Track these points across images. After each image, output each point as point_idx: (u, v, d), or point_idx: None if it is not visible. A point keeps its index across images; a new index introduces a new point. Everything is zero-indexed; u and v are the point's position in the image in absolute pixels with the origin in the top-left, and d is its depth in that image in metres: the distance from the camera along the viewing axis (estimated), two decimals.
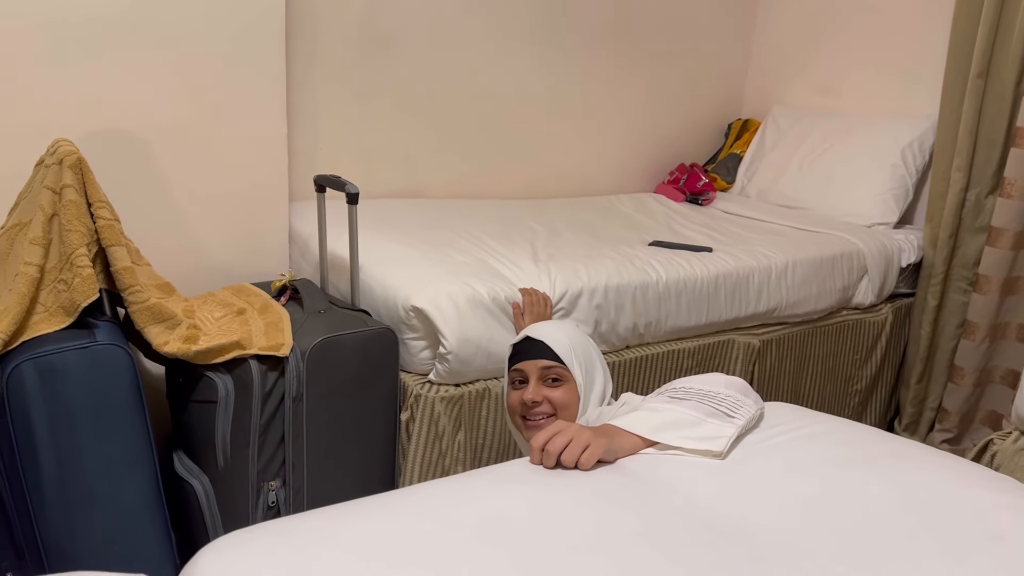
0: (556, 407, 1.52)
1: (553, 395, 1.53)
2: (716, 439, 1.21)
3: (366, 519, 1.00)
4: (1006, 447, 1.81)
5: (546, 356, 1.54)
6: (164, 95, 1.97)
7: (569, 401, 1.53)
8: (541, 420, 1.52)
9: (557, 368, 1.53)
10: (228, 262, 2.14)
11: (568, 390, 1.53)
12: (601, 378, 1.59)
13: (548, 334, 1.57)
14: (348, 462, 1.80)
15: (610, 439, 1.20)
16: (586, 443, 1.16)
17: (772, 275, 2.35)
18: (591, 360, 1.59)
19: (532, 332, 1.58)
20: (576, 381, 1.54)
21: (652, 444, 1.22)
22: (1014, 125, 2.50)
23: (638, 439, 1.22)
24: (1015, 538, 1.04)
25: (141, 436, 1.59)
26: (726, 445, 1.20)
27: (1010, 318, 2.63)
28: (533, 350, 1.56)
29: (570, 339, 1.57)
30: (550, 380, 1.53)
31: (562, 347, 1.54)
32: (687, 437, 1.21)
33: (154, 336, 1.63)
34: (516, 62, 2.89)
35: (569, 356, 1.54)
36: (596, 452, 1.16)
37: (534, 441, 1.19)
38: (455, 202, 2.74)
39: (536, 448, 1.18)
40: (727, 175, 3.33)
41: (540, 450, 1.18)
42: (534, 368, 1.54)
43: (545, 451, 1.17)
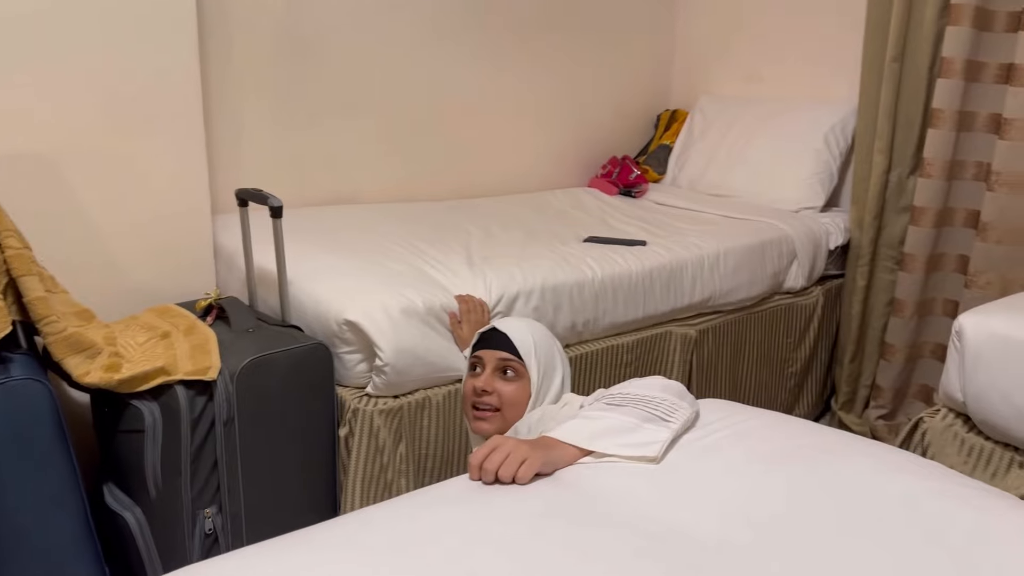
0: (503, 402, 1.52)
1: (504, 389, 1.53)
2: (651, 444, 1.21)
3: (301, 554, 0.98)
4: (935, 424, 1.85)
5: (506, 348, 1.54)
6: (68, 112, 1.89)
7: (518, 399, 1.53)
8: (486, 412, 1.53)
9: (514, 363, 1.53)
10: (150, 283, 2.07)
11: (520, 387, 1.53)
12: (559, 381, 1.59)
13: (514, 329, 1.57)
14: (287, 483, 1.76)
15: (547, 451, 1.19)
16: (522, 458, 1.16)
17: (705, 265, 2.37)
18: (552, 363, 1.58)
19: (500, 324, 1.59)
20: (531, 380, 1.53)
21: (589, 453, 1.22)
22: (930, 106, 2.57)
23: (575, 449, 1.22)
24: (941, 524, 1.06)
25: (66, 471, 1.53)
26: (660, 450, 1.20)
27: (936, 294, 2.71)
28: (495, 340, 1.56)
29: (534, 337, 1.57)
30: (505, 372, 1.54)
31: (524, 343, 1.54)
32: (623, 444, 1.21)
33: (73, 367, 1.57)
34: (442, 61, 2.86)
35: (529, 353, 1.54)
36: (533, 466, 1.16)
37: (472, 459, 1.18)
38: (387, 206, 2.71)
39: (474, 466, 1.17)
40: (658, 166, 3.35)
41: (478, 467, 1.17)
42: (492, 357, 1.55)
43: (483, 468, 1.16)
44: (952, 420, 1.84)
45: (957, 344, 1.78)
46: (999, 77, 2.47)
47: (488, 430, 1.52)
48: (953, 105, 2.49)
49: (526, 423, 1.50)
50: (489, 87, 3.01)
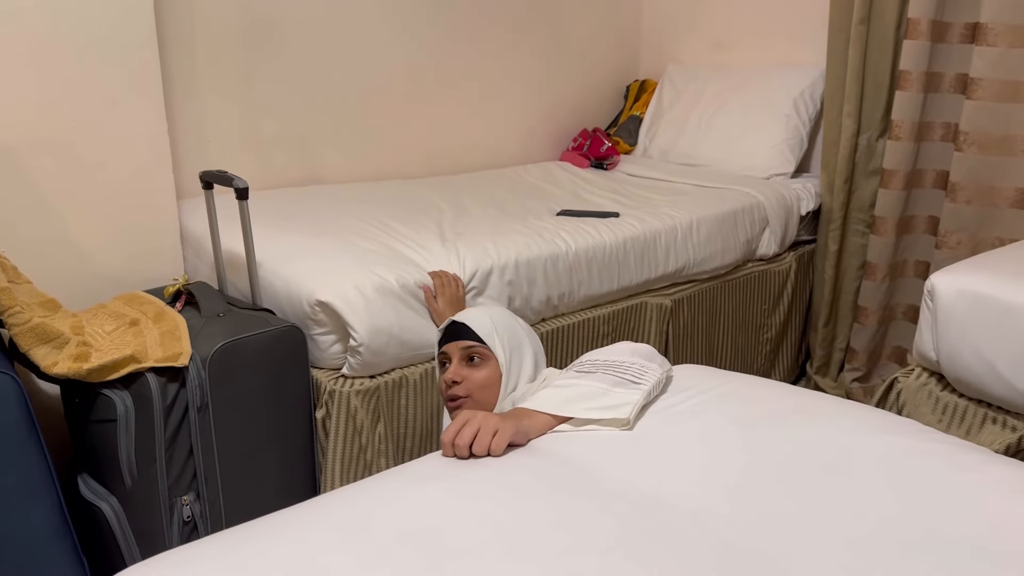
0: (473, 387, 1.53)
1: (472, 375, 1.53)
2: (622, 407, 1.22)
3: (270, 540, 0.96)
4: (910, 384, 1.87)
5: (467, 336, 1.55)
6: (26, 100, 1.84)
7: (489, 381, 1.53)
8: (460, 400, 1.53)
9: (477, 348, 1.54)
10: (117, 270, 2.03)
11: (489, 370, 1.54)
12: (531, 358, 1.60)
13: (471, 316, 1.59)
14: (265, 467, 1.74)
15: (518, 421, 1.19)
16: (493, 429, 1.15)
17: (678, 235, 2.37)
18: (517, 340, 1.59)
19: (458, 316, 1.60)
20: (499, 360, 1.54)
21: (563, 421, 1.22)
22: (897, 68, 2.57)
23: (549, 418, 1.23)
24: (917, 480, 1.07)
25: (39, 464, 1.50)
26: (632, 411, 1.21)
27: (907, 256, 2.73)
28: (456, 332, 1.58)
29: (493, 320, 1.58)
30: (471, 360, 1.54)
31: (484, 328, 1.56)
32: (593, 408, 1.22)
33: (41, 358, 1.53)
34: (407, 38, 2.82)
35: (491, 336, 1.55)
36: (505, 436, 1.16)
37: (444, 436, 1.18)
38: (356, 186, 2.68)
39: (447, 443, 1.17)
40: (629, 137, 3.34)
41: (450, 444, 1.16)
42: (455, 348, 1.56)
43: (455, 444, 1.15)
44: (926, 379, 1.86)
45: (929, 304, 1.79)
46: (965, 37, 2.48)
47: None
48: (920, 66, 2.50)
49: (510, 402, 1.50)
50: (455, 63, 2.97)
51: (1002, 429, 1.73)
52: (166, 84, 2.23)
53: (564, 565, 0.90)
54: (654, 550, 0.93)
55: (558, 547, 0.93)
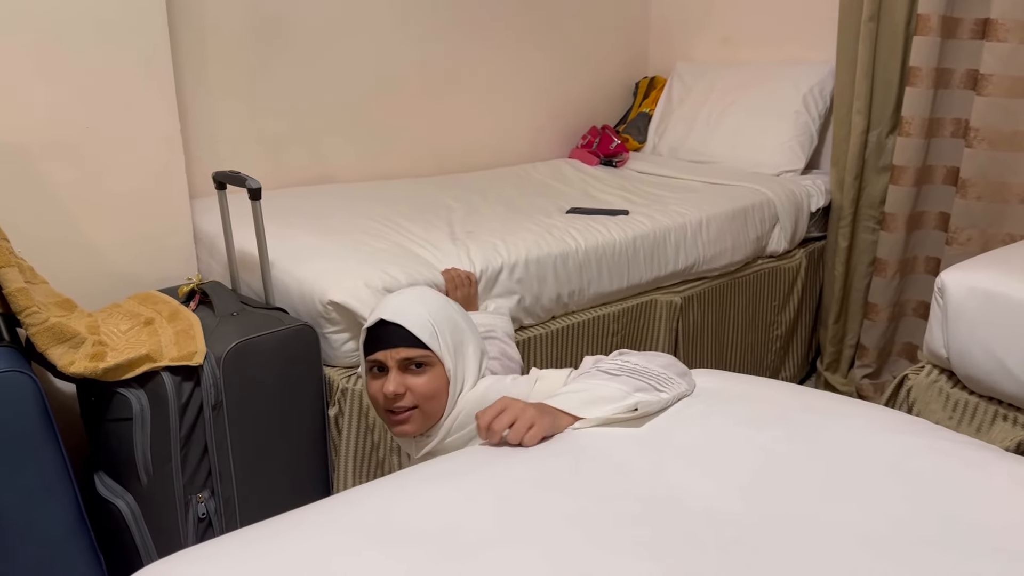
0: (420, 398, 1.34)
1: (416, 384, 1.33)
2: (636, 403, 1.22)
3: (288, 537, 0.98)
4: (920, 381, 1.87)
5: (405, 343, 1.33)
6: (38, 99, 1.86)
7: (436, 389, 1.35)
8: (405, 415, 1.35)
9: (419, 354, 1.33)
10: (131, 270, 2.05)
11: (434, 376, 1.34)
12: (473, 352, 1.41)
13: (405, 314, 1.34)
14: (278, 465, 1.76)
15: (554, 418, 1.20)
16: (531, 422, 1.16)
17: (688, 232, 2.38)
18: (459, 334, 1.39)
19: (385, 313, 1.34)
20: (444, 364, 1.35)
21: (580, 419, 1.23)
22: (907, 65, 2.57)
23: (570, 417, 1.23)
24: (928, 479, 1.07)
25: (56, 462, 1.52)
26: (641, 404, 1.22)
27: (917, 252, 2.73)
28: (391, 336, 1.33)
29: (432, 315, 1.35)
30: (412, 367, 1.34)
31: (424, 329, 1.33)
32: (611, 409, 1.22)
33: (58, 357, 1.55)
34: (418, 36, 2.83)
35: (433, 338, 1.34)
36: (540, 431, 1.17)
37: (480, 419, 1.18)
38: (367, 185, 2.69)
39: (482, 426, 1.18)
40: (638, 135, 3.34)
41: (486, 428, 1.17)
42: (392, 358, 1.33)
43: (490, 429, 1.17)
44: (936, 376, 1.86)
45: (940, 300, 1.79)
46: (975, 32, 2.47)
47: (412, 431, 1.36)
48: (930, 62, 2.49)
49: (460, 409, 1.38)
50: (465, 61, 2.98)
51: (1013, 426, 1.73)
52: (178, 85, 2.24)
53: (577, 562, 0.91)
54: (667, 548, 0.94)
55: (571, 545, 0.94)
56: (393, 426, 1.37)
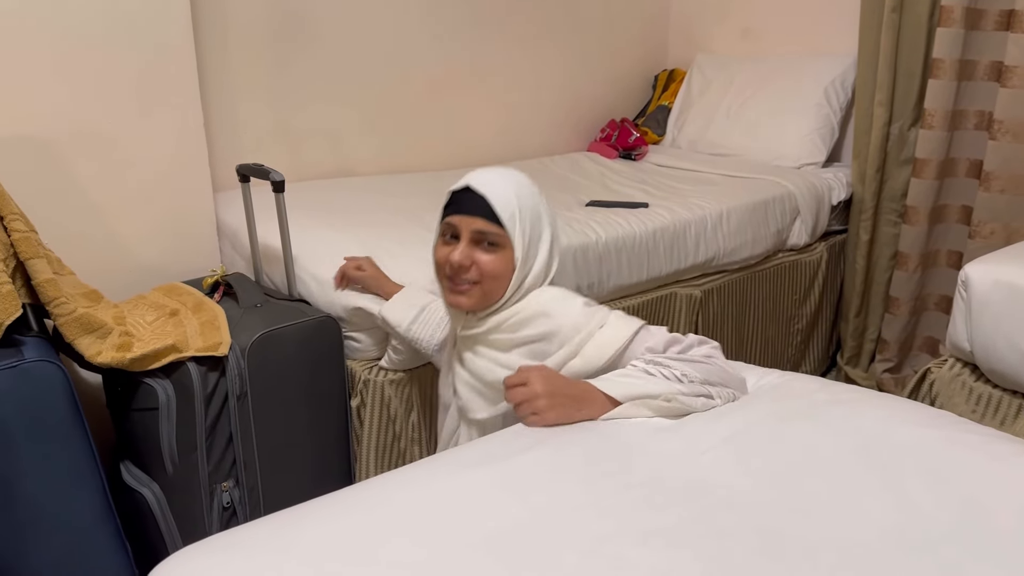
0: (484, 276, 1.32)
1: (484, 260, 1.32)
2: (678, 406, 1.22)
3: (320, 521, 0.99)
4: (943, 375, 1.86)
5: (485, 215, 1.31)
6: (66, 93, 1.88)
7: (501, 271, 1.32)
8: (465, 287, 1.34)
9: (494, 234, 1.31)
10: (156, 262, 2.08)
11: (503, 259, 1.32)
12: (545, 251, 1.37)
13: (493, 188, 1.31)
14: (302, 455, 1.78)
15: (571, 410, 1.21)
16: (536, 410, 1.20)
17: (708, 225, 2.37)
18: (538, 228, 1.36)
19: (475, 181, 1.32)
20: (515, 251, 1.32)
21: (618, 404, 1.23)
22: (930, 57, 2.55)
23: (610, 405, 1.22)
24: (953, 471, 1.07)
25: (84, 451, 1.54)
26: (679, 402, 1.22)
27: (939, 245, 2.71)
28: (472, 205, 1.31)
29: (518, 199, 1.33)
30: (485, 243, 1.32)
31: (506, 208, 1.31)
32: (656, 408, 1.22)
33: (85, 347, 1.57)
34: (437, 30, 2.83)
35: (512, 221, 1.31)
36: (543, 422, 1.20)
37: (508, 379, 1.23)
38: (387, 178, 2.70)
39: (507, 385, 1.24)
40: (657, 128, 3.34)
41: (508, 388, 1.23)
42: (467, 227, 1.32)
43: (507, 396, 1.23)
44: (959, 370, 1.85)
45: (963, 294, 1.78)
46: (999, 24, 2.45)
47: (466, 304, 1.35)
48: (954, 54, 2.47)
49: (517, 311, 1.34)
50: (484, 55, 2.98)
51: None
52: (201, 79, 2.26)
53: (604, 551, 0.92)
54: (693, 536, 0.94)
55: (598, 533, 0.95)
56: (449, 295, 1.36)
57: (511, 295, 1.35)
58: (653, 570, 0.89)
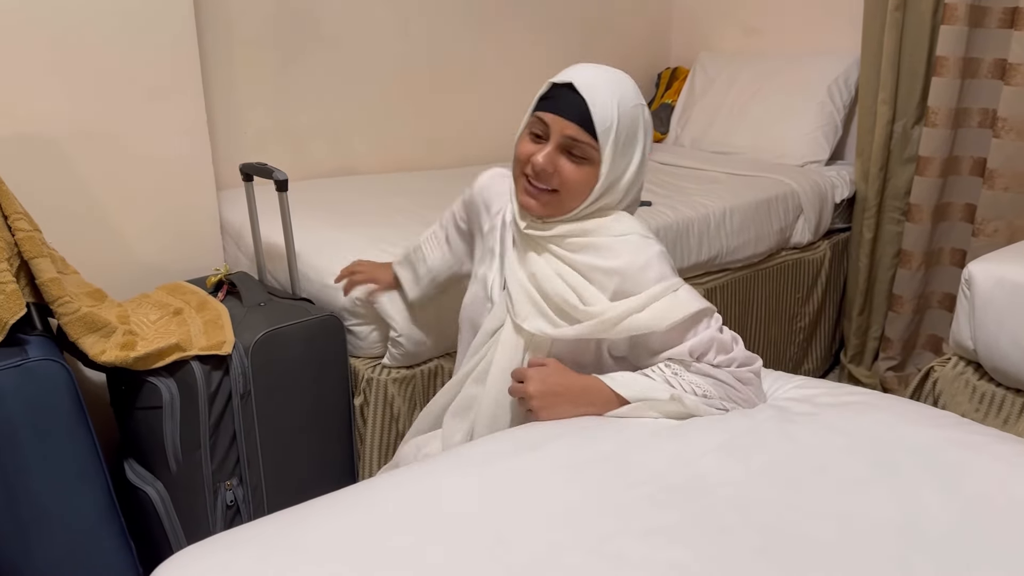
0: (564, 185, 1.24)
1: (568, 170, 1.23)
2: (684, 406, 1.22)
3: (324, 520, 0.99)
4: (946, 373, 1.86)
5: (580, 121, 1.22)
6: (69, 92, 1.89)
7: (582, 186, 1.24)
8: (539, 191, 1.26)
9: (585, 144, 1.22)
10: (159, 261, 2.08)
11: (588, 172, 1.24)
12: (635, 166, 1.27)
13: (597, 93, 1.22)
14: (305, 453, 1.78)
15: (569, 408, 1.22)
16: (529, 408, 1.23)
17: (711, 224, 2.37)
18: (632, 144, 1.26)
19: (579, 80, 1.23)
20: (601, 166, 1.24)
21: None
22: (934, 55, 2.54)
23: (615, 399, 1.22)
24: (956, 472, 1.07)
25: (88, 449, 1.55)
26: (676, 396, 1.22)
27: (943, 243, 2.71)
28: (569, 106, 1.23)
29: (619, 109, 1.23)
30: (573, 153, 1.24)
31: (605, 119, 1.21)
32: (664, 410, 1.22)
33: (89, 346, 1.58)
34: (438, 28, 2.83)
35: (607, 135, 1.22)
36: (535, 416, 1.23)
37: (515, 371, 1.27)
38: (390, 176, 2.70)
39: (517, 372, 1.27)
40: (660, 126, 3.33)
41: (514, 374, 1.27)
42: (559, 130, 1.23)
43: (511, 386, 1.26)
44: (963, 368, 1.85)
45: (967, 292, 1.78)
46: (1003, 22, 2.45)
47: (536, 209, 1.27)
48: (957, 52, 2.47)
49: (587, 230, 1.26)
50: (487, 54, 2.98)
51: None
52: (204, 77, 2.26)
53: (608, 549, 0.92)
54: (697, 534, 0.94)
55: (602, 532, 0.95)
56: (522, 195, 1.29)
57: (583, 210, 1.27)
58: (655, 568, 0.89)
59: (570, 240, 1.27)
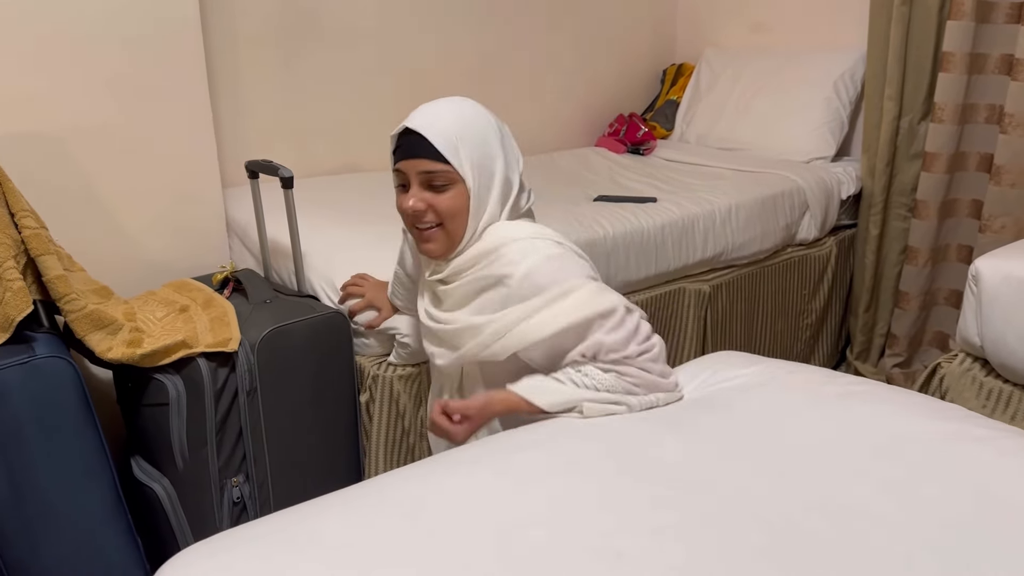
0: (442, 217, 1.29)
1: (438, 202, 1.28)
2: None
3: (331, 517, 1.00)
4: (953, 369, 1.86)
5: (427, 155, 1.26)
6: (75, 90, 1.89)
7: (458, 209, 1.29)
8: (429, 232, 1.31)
9: (439, 173, 1.27)
10: (165, 258, 2.08)
11: (456, 195, 1.28)
12: (501, 172, 1.32)
13: (433, 122, 1.27)
14: (311, 450, 1.78)
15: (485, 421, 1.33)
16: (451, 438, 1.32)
17: (717, 220, 2.37)
18: (487, 151, 1.30)
19: (413, 121, 1.29)
20: (467, 184, 1.28)
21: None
22: (940, 50, 2.53)
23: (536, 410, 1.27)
24: (962, 465, 1.07)
25: (94, 446, 1.55)
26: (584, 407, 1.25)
27: (950, 240, 2.70)
28: (413, 146, 1.27)
29: (458, 128, 1.28)
30: (435, 183, 1.28)
31: (447, 142, 1.26)
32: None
33: (96, 343, 1.58)
34: (444, 25, 2.83)
35: (455, 152, 1.27)
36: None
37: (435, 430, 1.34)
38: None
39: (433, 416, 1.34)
40: (666, 122, 3.33)
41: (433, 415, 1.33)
42: (413, 170, 1.28)
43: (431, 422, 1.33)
44: (970, 364, 1.84)
45: (973, 288, 1.77)
46: (1010, 17, 2.43)
47: (436, 251, 1.33)
48: (964, 47, 2.45)
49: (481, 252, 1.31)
50: (492, 51, 2.98)
51: None
52: (209, 75, 2.27)
53: (610, 546, 0.92)
54: (700, 531, 0.94)
55: (604, 528, 0.95)
56: (420, 244, 1.35)
57: (473, 232, 1.32)
58: (660, 564, 0.89)
59: (464, 266, 1.33)
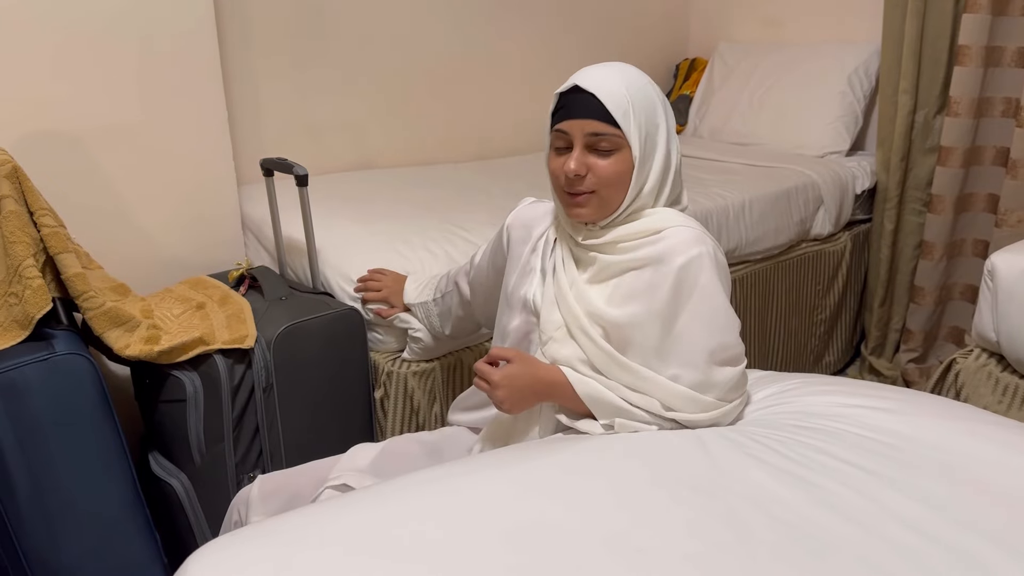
0: (601, 183, 1.23)
1: (600, 166, 1.22)
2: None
3: (348, 513, 1.00)
4: (968, 365, 1.85)
5: (597, 116, 1.21)
6: (87, 86, 1.90)
7: (619, 176, 1.23)
8: (583, 197, 1.25)
9: (609, 136, 1.21)
10: (182, 255, 2.10)
11: (620, 160, 1.22)
12: (664, 143, 1.26)
13: (602, 84, 1.22)
14: (326, 446, 1.79)
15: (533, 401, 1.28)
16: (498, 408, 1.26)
17: (730, 215, 2.36)
18: (654, 119, 1.25)
19: (583, 80, 1.23)
20: (632, 149, 1.22)
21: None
22: (956, 43, 2.51)
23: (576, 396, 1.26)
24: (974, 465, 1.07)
25: (113, 441, 1.57)
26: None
27: (965, 235, 2.68)
28: (581, 106, 1.22)
29: (630, 92, 1.22)
30: (599, 148, 1.23)
31: (619, 104, 1.21)
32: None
33: (114, 340, 1.60)
34: (456, 23, 2.83)
35: (626, 116, 1.21)
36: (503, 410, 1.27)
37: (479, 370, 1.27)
38: (408, 170, 2.71)
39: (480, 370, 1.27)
40: (679, 117, 3.32)
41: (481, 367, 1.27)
42: (579, 131, 1.23)
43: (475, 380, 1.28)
44: (985, 360, 1.83)
45: (989, 283, 1.76)
46: None
47: (587, 216, 1.27)
48: (980, 40, 2.44)
49: (640, 230, 1.26)
50: (505, 46, 2.98)
51: None
52: (224, 73, 2.28)
53: (629, 543, 0.92)
54: (716, 530, 0.95)
55: (620, 527, 0.95)
56: (568, 208, 1.28)
57: (631, 201, 1.26)
58: (673, 564, 0.89)
59: (625, 241, 1.27)
